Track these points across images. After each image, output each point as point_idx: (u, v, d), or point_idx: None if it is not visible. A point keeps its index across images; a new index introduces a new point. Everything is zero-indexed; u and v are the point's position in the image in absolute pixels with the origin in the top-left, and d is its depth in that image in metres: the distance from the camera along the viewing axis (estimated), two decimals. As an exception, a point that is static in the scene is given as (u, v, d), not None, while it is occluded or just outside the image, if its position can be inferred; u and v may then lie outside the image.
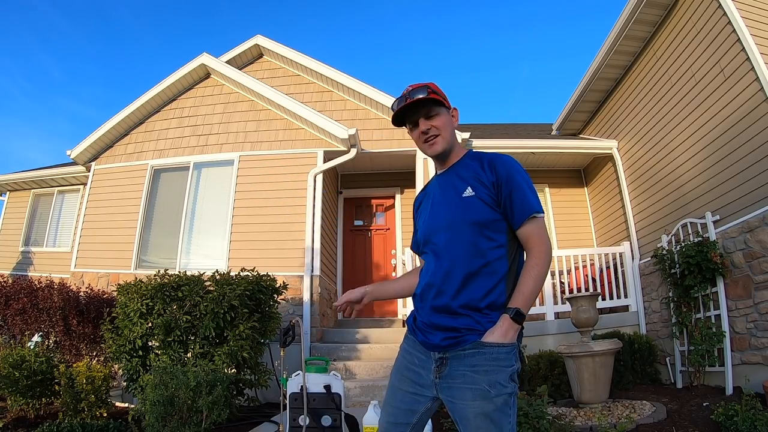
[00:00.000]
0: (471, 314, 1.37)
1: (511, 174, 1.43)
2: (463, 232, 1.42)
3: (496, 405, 1.29)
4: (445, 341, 1.38)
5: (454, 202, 1.47)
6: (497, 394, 1.29)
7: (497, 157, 1.49)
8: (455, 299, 1.38)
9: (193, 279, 4.39)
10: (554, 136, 8.35)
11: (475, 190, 1.44)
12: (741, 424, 3.15)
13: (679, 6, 5.44)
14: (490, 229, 1.41)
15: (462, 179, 1.49)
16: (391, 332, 6.41)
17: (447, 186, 1.52)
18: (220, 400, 3.32)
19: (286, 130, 6.93)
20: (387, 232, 7.96)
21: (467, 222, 1.42)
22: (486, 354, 1.32)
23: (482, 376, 1.31)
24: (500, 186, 1.42)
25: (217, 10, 51.81)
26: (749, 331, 4.33)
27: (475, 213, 1.42)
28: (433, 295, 1.44)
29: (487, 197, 1.42)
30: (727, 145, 4.73)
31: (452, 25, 59.60)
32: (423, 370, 1.43)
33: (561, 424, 3.50)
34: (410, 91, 1.49)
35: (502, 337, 1.31)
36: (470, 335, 1.35)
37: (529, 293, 1.35)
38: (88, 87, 55.41)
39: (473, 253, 1.39)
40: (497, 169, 1.45)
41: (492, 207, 1.42)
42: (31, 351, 3.95)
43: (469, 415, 1.31)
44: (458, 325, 1.37)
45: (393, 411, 1.48)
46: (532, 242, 1.40)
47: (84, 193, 7.98)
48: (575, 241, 7.59)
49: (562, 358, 4.63)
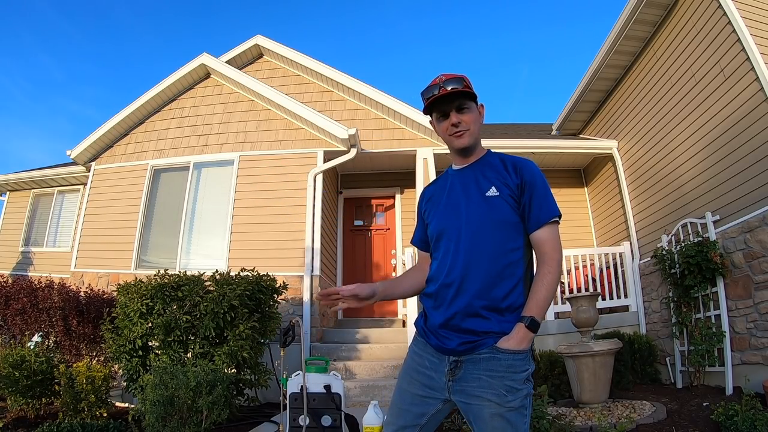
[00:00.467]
0: (492, 315, 1.36)
1: (534, 178, 1.45)
2: (487, 232, 1.41)
3: (513, 407, 1.30)
4: (462, 346, 1.36)
5: (476, 200, 1.46)
6: (513, 397, 1.30)
7: (521, 161, 1.51)
8: (477, 299, 1.37)
9: (193, 279, 4.39)
10: (554, 136, 8.35)
11: (499, 191, 1.44)
12: (741, 424, 3.15)
13: (679, 6, 5.44)
14: (512, 230, 1.42)
15: (486, 178, 1.48)
16: (391, 332, 6.41)
17: (468, 182, 1.51)
18: (220, 400, 3.32)
19: (286, 130, 6.93)
20: (387, 232, 7.96)
21: (492, 221, 1.41)
22: (501, 360, 1.32)
23: (498, 380, 1.31)
24: (523, 189, 1.44)
25: (217, 10, 51.89)
26: (749, 331, 4.33)
27: (499, 213, 1.42)
28: (452, 295, 1.41)
29: (511, 199, 1.43)
30: (727, 145, 4.73)
31: (452, 26, 59.66)
32: (435, 373, 1.42)
33: (561, 424, 3.50)
34: (444, 81, 1.45)
35: (518, 345, 1.32)
36: (488, 338, 1.35)
37: (543, 301, 1.34)
38: (89, 87, 55.45)
39: (497, 253, 1.39)
40: (522, 172, 1.46)
41: (514, 209, 1.43)
42: (31, 351, 3.95)
43: (486, 416, 1.31)
44: (477, 327, 1.36)
45: (401, 413, 1.47)
46: (545, 248, 1.40)
47: (84, 193, 7.98)
48: (575, 241, 7.58)
49: (562, 358, 4.63)
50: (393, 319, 7.29)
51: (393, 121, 7.12)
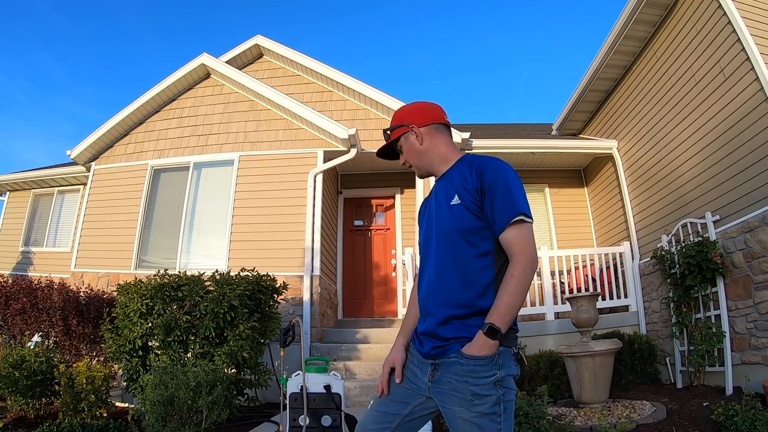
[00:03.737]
0: (457, 322, 1.38)
1: (495, 178, 1.39)
2: (449, 241, 1.43)
3: (480, 412, 1.30)
4: (434, 350, 1.41)
5: (443, 209, 1.48)
6: (480, 402, 1.31)
7: (486, 162, 1.44)
8: (445, 307, 1.40)
9: (193, 279, 4.39)
10: (554, 136, 8.35)
11: (461, 198, 1.42)
12: (741, 424, 3.15)
13: (679, 6, 5.44)
14: (475, 236, 1.40)
15: (452, 186, 1.48)
16: (391, 332, 6.41)
17: (440, 193, 1.53)
18: (220, 400, 3.32)
19: (286, 130, 6.93)
20: (387, 232, 7.96)
21: (455, 231, 1.42)
22: (464, 365, 1.33)
23: (464, 385, 1.33)
24: (483, 192, 1.39)
25: (218, 11, 51.85)
26: (749, 331, 4.33)
27: (461, 221, 1.41)
28: (427, 304, 1.47)
29: (472, 204, 1.40)
30: (727, 145, 4.73)
31: (453, 26, 59.63)
32: (420, 372, 1.47)
33: (561, 424, 3.50)
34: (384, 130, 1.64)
35: (478, 351, 1.32)
36: (454, 344, 1.37)
37: (504, 307, 1.31)
38: (90, 88, 55.41)
39: (461, 262, 1.40)
40: (483, 174, 1.41)
41: (476, 214, 1.40)
42: (31, 351, 3.95)
43: (457, 420, 1.34)
44: (445, 334, 1.39)
45: (384, 401, 1.52)
46: (512, 250, 1.35)
47: (84, 193, 7.98)
48: (575, 241, 7.58)
49: (562, 358, 4.63)
50: (393, 319, 7.29)
51: (393, 121, 7.11)
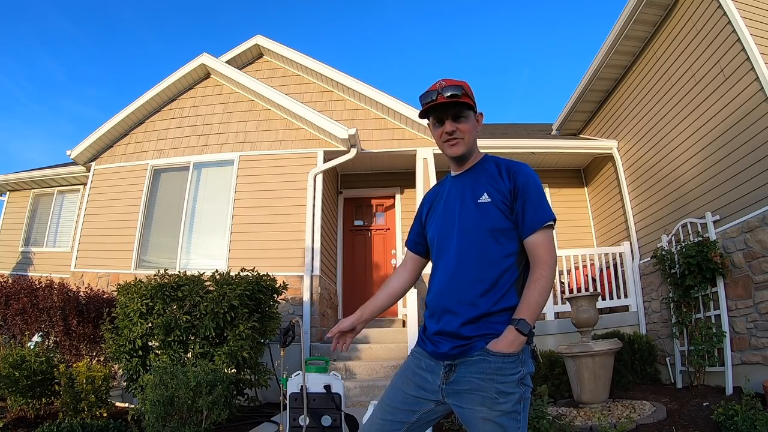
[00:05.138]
0: (481, 321, 1.37)
1: (528, 183, 1.43)
2: (477, 239, 1.41)
3: (503, 410, 1.29)
4: (454, 350, 1.38)
5: (469, 207, 1.46)
6: (505, 400, 1.30)
7: (515, 165, 1.48)
8: (465, 306, 1.38)
9: (193, 279, 4.39)
10: (554, 136, 8.35)
11: (491, 197, 1.43)
12: (741, 424, 3.15)
13: (679, 6, 5.44)
14: (503, 236, 1.41)
15: (479, 184, 1.48)
16: (391, 332, 6.42)
17: (463, 189, 1.51)
18: (220, 400, 3.32)
19: (286, 130, 6.93)
20: (387, 232, 7.96)
21: (482, 228, 1.41)
22: (491, 363, 1.32)
23: (488, 383, 1.31)
24: (516, 194, 1.42)
25: (219, 12, 51.85)
26: (749, 331, 4.33)
27: (491, 220, 1.41)
28: (444, 302, 1.42)
29: (503, 205, 1.42)
30: (727, 145, 4.73)
31: (453, 27, 59.66)
32: (430, 375, 1.43)
33: (561, 424, 3.50)
34: (443, 88, 1.44)
35: (507, 348, 1.31)
36: (479, 341, 1.35)
37: (534, 304, 1.34)
38: (91, 88, 55.48)
39: (488, 261, 1.39)
40: (516, 177, 1.44)
41: (506, 215, 1.42)
42: (31, 351, 3.95)
43: (477, 420, 1.32)
44: (468, 333, 1.36)
45: (389, 409, 1.48)
46: (539, 252, 1.38)
47: (84, 193, 7.98)
48: (575, 241, 7.58)
49: (562, 358, 4.63)
50: (393, 319, 7.29)
51: (393, 121, 7.12)
